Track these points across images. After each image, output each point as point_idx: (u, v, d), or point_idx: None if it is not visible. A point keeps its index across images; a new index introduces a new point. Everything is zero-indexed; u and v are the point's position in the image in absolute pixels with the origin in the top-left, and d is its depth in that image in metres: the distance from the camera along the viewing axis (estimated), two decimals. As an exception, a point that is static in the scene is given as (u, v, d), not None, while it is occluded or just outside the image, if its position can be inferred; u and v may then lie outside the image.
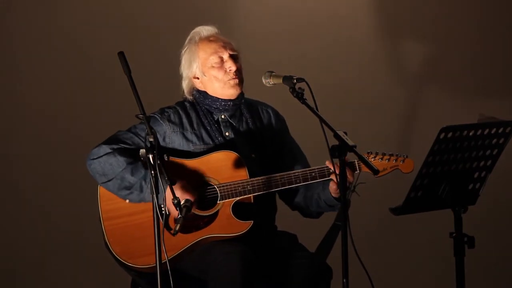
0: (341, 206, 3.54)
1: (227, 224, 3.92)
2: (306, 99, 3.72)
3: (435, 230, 5.20)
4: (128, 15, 5.60)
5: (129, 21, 5.59)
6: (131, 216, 3.95)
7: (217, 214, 3.94)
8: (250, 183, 3.94)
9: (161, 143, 3.98)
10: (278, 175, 3.97)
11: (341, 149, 3.51)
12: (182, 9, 5.66)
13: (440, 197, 3.65)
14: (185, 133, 4.05)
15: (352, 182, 3.88)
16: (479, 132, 3.57)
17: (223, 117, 4.09)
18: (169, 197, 3.70)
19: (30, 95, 5.52)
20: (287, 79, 3.80)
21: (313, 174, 3.96)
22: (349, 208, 3.67)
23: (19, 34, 5.50)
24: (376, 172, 3.61)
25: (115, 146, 3.97)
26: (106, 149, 3.96)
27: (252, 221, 3.92)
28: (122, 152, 3.96)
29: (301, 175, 3.96)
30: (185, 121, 4.07)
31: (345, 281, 3.49)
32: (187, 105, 4.12)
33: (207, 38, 4.10)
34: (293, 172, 3.97)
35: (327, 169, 3.95)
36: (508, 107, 5.91)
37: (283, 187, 3.97)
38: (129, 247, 3.92)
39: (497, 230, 5.99)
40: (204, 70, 4.07)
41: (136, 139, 4.00)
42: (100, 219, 3.95)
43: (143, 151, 3.54)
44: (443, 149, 3.53)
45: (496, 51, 6.04)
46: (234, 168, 3.95)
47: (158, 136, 3.75)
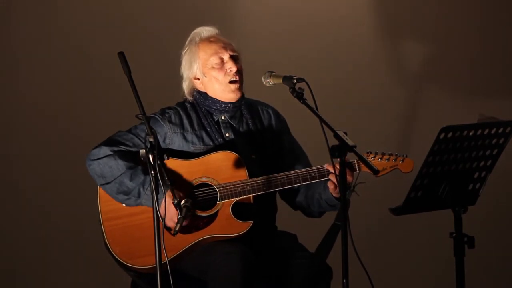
0: (340, 206, 3.54)
1: (227, 225, 3.92)
2: (306, 99, 3.72)
3: (435, 230, 5.21)
4: (128, 15, 5.60)
5: (129, 21, 5.59)
6: (131, 217, 3.94)
7: (216, 214, 3.94)
8: (249, 183, 3.94)
9: (161, 144, 3.97)
10: (278, 175, 3.96)
11: (341, 149, 3.50)
12: (182, 9, 5.65)
13: (440, 197, 3.64)
14: (185, 134, 4.04)
15: (351, 182, 3.88)
16: (479, 132, 3.56)
17: (223, 118, 4.09)
18: (168, 199, 3.71)
19: (30, 95, 5.52)
20: (287, 79, 3.80)
21: (312, 174, 3.96)
22: (349, 208, 3.67)
23: (19, 34, 5.50)
24: (376, 172, 3.61)
25: (116, 148, 3.96)
26: (106, 150, 3.95)
27: (252, 221, 3.91)
28: (122, 155, 3.95)
29: (301, 175, 3.96)
30: (185, 122, 4.07)
31: (345, 281, 3.48)
32: (188, 105, 4.12)
33: (208, 39, 4.09)
34: (292, 172, 3.97)
35: (326, 169, 3.95)
36: (508, 107, 5.91)
37: (282, 187, 3.97)
38: (129, 247, 3.92)
39: (497, 230, 5.99)
40: (204, 71, 4.07)
41: (136, 140, 3.99)
42: (100, 220, 3.95)
43: (143, 151, 3.53)
44: (443, 149, 3.53)
45: (496, 51, 6.04)
46: (233, 168, 3.95)
47: (158, 136, 3.74)
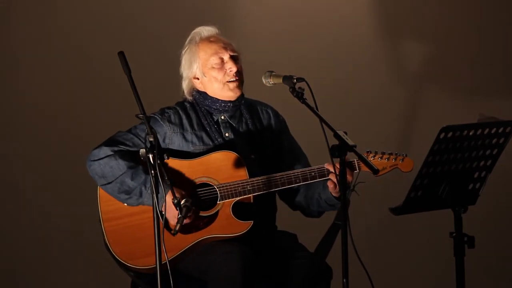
0: (341, 205, 3.54)
1: (227, 224, 3.92)
2: (306, 99, 3.72)
3: (435, 230, 5.21)
4: (128, 15, 5.59)
5: (129, 21, 5.58)
6: (131, 217, 3.94)
7: (217, 214, 3.94)
8: (250, 183, 3.94)
9: (161, 144, 3.97)
10: (278, 175, 3.96)
11: (341, 149, 3.50)
12: (182, 9, 5.65)
13: (440, 197, 3.64)
14: (185, 134, 4.04)
15: (351, 181, 3.88)
16: (479, 132, 3.56)
17: (222, 118, 4.09)
18: (168, 198, 3.71)
19: (30, 95, 5.52)
20: (287, 79, 3.80)
21: (312, 173, 3.96)
22: (348, 207, 3.67)
23: (19, 34, 5.50)
24: (376, 171, 3.61)
25: (116, 148, 3.96)
26: (107, 151, 3.95)
27: (252, 221, 3.91)
28: (123, 155, 3.95)
29: (301, 175, 3.96)
30: (185, 121, 4.06)
31: (345, 281, 3.48)
32: (187, 105, 4.12)
33: (208, 39, 4.09)
34: (292, 172, 3.97)
35: (326, 169, 3.95)
36: (508, 107, 5.91)
37: (282, 187, 3.97)
38: (129, 247, 3.92)
39: (497, 230, 5.99)
40: (204, 70, 4.06)
41: (136, 140, 3.99)
42: (100, 220, 3.94)
43: (143, 151, 3.53)
44: (443, 149, 3.53)
45: (496, 51, 6.03)
46: (233, 168, 3.94)
47: (158, 136, 3.74)
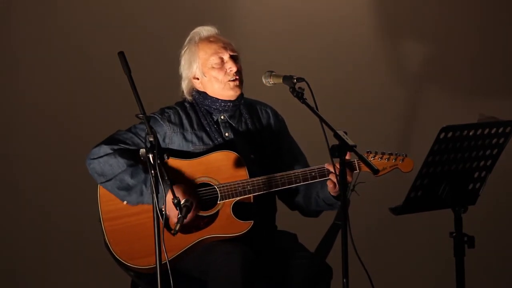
0: (341, 205, 3.53)
1: (227, 224, 3.92)
2: (306, 98, 3.72)
3: (435, 230, 5.21)
4: (128, 15, 5.59)
5: (129, 21, 5.58)
6: (131, 217, 3.94)
7: (217, 214, 3.94)
8: (250, 183, 3.94)
9: (161, 144, 3.97)
10: (278, 175, 3.96)
11: (341, 149, 3.50)
12: (182, 9, 5.65)
13: (440, 197, 3.64)
14: (185, 134, 4.04)
15: (351, 182, 3.88)
16: (479, 132, 3.56)
17: (222, 117, 4.09)
18: (169, 198, 3.70)
19: (30, 95, 5.52)
20: (287, 79, 3.80)
21: (313, 173, 3.96)
22: (348, 207, 3.66)
23: (19, 34, 5.49)
24: (376, 171, 3.60)
25: (116, 147, 3.96)
26: (106, 149, 3.95)
27: (253, 221, 3.91)
28: (122, 153, 3.95)
29: (301, 174, 3.96)
30: (185, 121, 4.06)
31: (345, 281, 3.48)
32: (187, 105, 4.12)
33: (207, 39, 4.09)
34: (293, 172, 3.97)
35: (327, 169, 3.95)
36: (508, 107, 5.91)
37: (283, 186, 3.97)
38: (129, 247, 3.92)
39: (497, 230, 5.99)
40: (204, 70, 4.06)
41: (136, 139, 3.99)
42: (100, 220, 3.94)
43: (143, 150, 3.53)
44: (443, 149, 3.53)
45: (496, 51, 6.03)
46: (234, 168, 3.95)
47: (158, 136, 3.74)
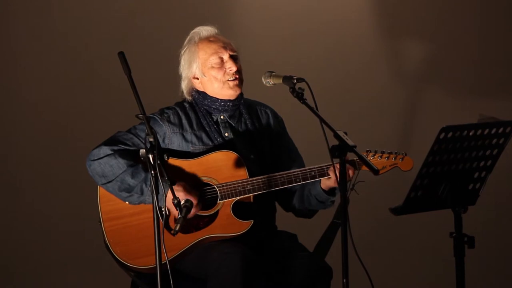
0: (341, 205, 3.53)
1: (227, 224, 3.92)
2: (306, 99, 3.72)
3: (435, 230, 5.20)
4: (128, 15, 5.59)
5: (129, 21, 5.58)
6: (131, 217, 3.94)
7: (217, 214, 3.94)
8: (250, 182, 3.94)
9: (161, 144, 3.97)
10: (278, 174, 3.96)
11: (341, 149, 3.50)
12: (182, 9, 5.65)
13: (440, 197, 3.64)
14: (184, 134, 4.04)
15: (352, 176, 3.88)
16: (479, 132, 3.56)
17: (222, 117, 4.09)
18: (169, 197, 3.70)
19: (29, 95, 5.51)
20: (287, 79, 3.79)
21: (312, 173, 3.96)
22: (347, 206, 3.66)
23: (19, 34, 5.50)
24: (376, 172, 3.60)
25: (116, 148, 3.96)
26: (106, 150, 3.95)
27: (252, 221, 3.91)
28: (122, 153, 3.95)
29: (301, 174, 3.96)
30: (184, 122, 4.06)
31: (345, 281, 3.48)
32: (186, 105, 4.12)
33: (207, 38, 4.09)
34: (292, 171, 3.97)
35: (326, 168, 3.94)
36: (508, 107, 5.91)
37: (282, 186, 3.97)
38: (129, 247, 3.92)
39: (497, 230, 5.99)
40: (204, 70, 4.07)
41: (136, 140, 3.99)
42: (100, 220, 3.94)
43: (143, 151, 3.53)
44: (443, 149, 3.52)
45: (496, 51, 6.03)
46: (233, 167, 3.95)
47: (157, 136, 3.74)
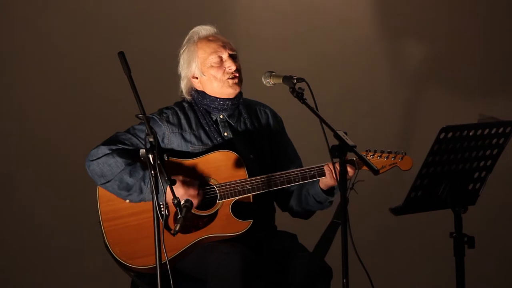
0: (341, 205, 3.53)
1: (226, 224, 3.92)
2: (306, 99, 3.72)
3: (435, 230, 5.20)
4: (128, 15, 5.59)
5: (128, 21, 5.58)
6: (130, 217, 3.94)
7: (216, 214, 3.94)
8: (249, 182, 3.94)
9: (160, 144, 3.97)
10: (277, 174, 3.96)
11: (341, 149, 3.50)
12: (181, 9, 5.65)
13: (440, 197, 3.64)
14: (183, 134, 4.04)
15: (352, 175, 3.88)
16: (479, 132, 3.56)
17: (221, 117, 4.09)
18: (169, 197, 3.70)
19: (29, 95, 5.51)
20: (287, 79, 3.79)
21: (312, 172, 3.96)
22: (347, 206, 3.66)
23: (19, 34, 5.49)
24: (376, 172, 3.59)
25: (114, 147, 3.96)
26: (104, 150, 3.95)
27: (252, 221, 3.91)
28: (121, 153, 3.95)
29: (300, 174, 3.96)
30: (183, 122, 4.06)
31: (345, 281, 3.48)
32: (186, 105, 4.12)
33: (206, 38, 4.09)
34: (292, 171, 3.96)
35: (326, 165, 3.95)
36: (508, 107, 5.91)
37: (282, 186, 3.97)
38: (129, 248, 3.91)
39: (497, 230, 5.99)
40: (203, 69, 4.06)
41: (134, 140, 3.99)
42: (100, 220, 3.94)
43: (143, 151, 3.53)
44: (443, 149, 3.53)
45: (496, 51, 6.03)
46: (233, 167, 3.94)
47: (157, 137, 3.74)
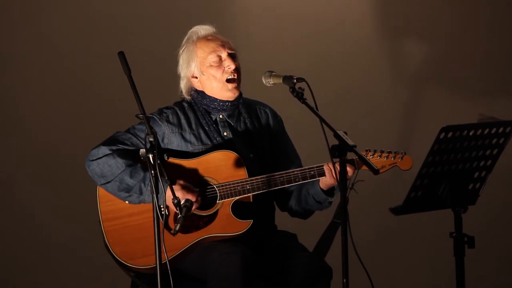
0: (341, 205, 3.53)
1: (226, 224, 3.91)
2: (306, 99, 3.72)
3: (435, 230, 5.20)
4: (128, 15, 5.59)
5: (128, 21, 5.58)
6: (130, 217, 3.94)
7: (216, 213, 3.94)
8: (249, 182, 3.94)
9: (160, 144, 3.97)
10: (277, 174, 3.96)
11: (341, 149, 3.50)
12: (181, 8, 5.65)
13: (440, 197, 3.64)
14: (183, 134, 4.04)
15: (352, 174, 3.87)
16: (479, 132, 3.56)
17: (221, 117, 4.09)
18: (169, 197, 3.70)
19: (29, 95, 5.51)
20: (287, 79, 3.79)
21: (312, 172, 3.96)
22: (347, 205, 3.66)
23: (19, 34, 5.49)
24: (376, 172, 3.60)
25: (114, 147, 3.95)
26: (105, 150, 3.95)
27: (252, 220, 3.91)
28: (121, 153, 3.94)
29: (300, 174, 3.96)
30: (183, 121, 4.06)
31: (345, 281, 3.48)
32: (185, 105, 4.12)
33: (205, 37, 4.09)
34: (292, 171, 3.96)
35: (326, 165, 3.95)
36: (508, 107, 5.91)
37: (282, 185, 3.96)
38: (129, 248, 3.91)
39: (497, 230, 5.99)
40: (202, 69, 4.06)
41: (134, 139, 3.99)
42: (100, 221, 3.94)
43: (143, 151, 3.53)
44: (443, 149, 3.52)
45: (496, 51, 6.03)
46: (233, 167, 3.94)
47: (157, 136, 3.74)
